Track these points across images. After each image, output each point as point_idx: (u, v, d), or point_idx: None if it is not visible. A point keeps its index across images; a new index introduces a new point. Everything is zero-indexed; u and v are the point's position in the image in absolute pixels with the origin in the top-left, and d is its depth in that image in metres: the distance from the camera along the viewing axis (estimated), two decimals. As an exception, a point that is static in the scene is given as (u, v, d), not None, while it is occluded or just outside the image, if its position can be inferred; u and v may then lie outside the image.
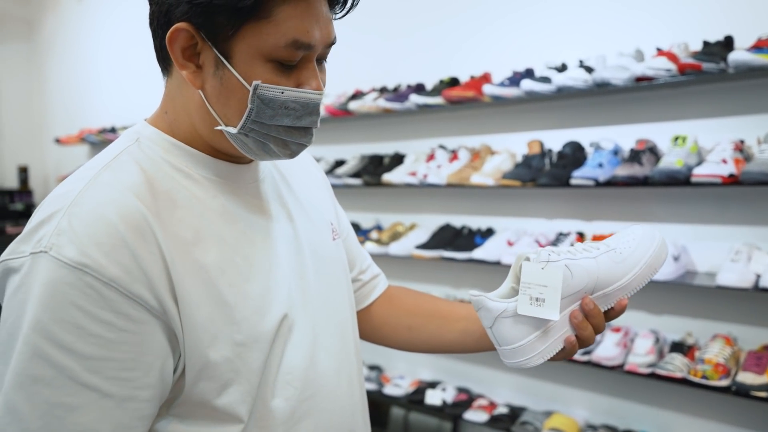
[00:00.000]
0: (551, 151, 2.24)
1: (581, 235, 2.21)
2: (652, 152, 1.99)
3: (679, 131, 2.03)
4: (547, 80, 2.15)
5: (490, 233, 2.45)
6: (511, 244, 2.31)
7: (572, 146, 2.18)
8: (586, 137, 2.23)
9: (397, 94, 2.62)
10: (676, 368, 1.86)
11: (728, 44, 1.86)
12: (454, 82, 2.49)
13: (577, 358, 2.05)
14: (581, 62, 2.13)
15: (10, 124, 5.23)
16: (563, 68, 2.19)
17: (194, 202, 0.65)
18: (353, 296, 0.86)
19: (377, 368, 2.91)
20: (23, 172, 5.02)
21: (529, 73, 2.26)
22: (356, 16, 0.73)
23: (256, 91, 0.61)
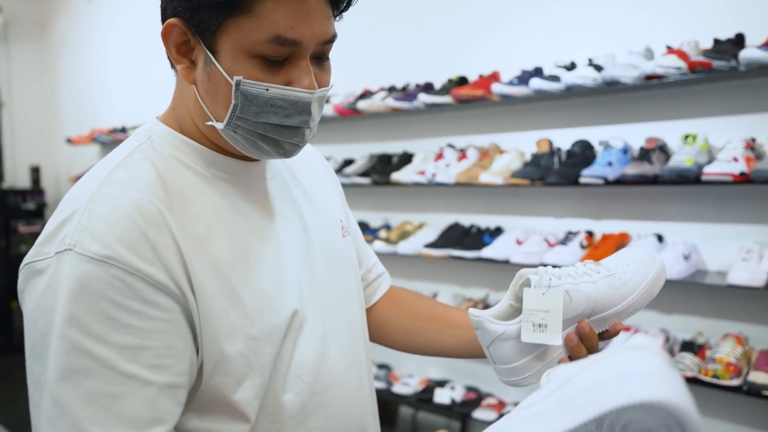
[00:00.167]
0: (560, 149, 2.23)
1: (590, 234, 2.20)
2: (662, 151, 1.98)
3: (689, 129, 2.01)
4: (556, 79, 2.14)
5: (498, 232, 2.45)
6: (520, 242, 2.30)
7: (581, 145, 2.18)
8: (595, 136, 2.22)
9: (405, 93, 2.63)
10: (686, 367, 1.85)
11: (739, 42, 1.85)
12: (462, 81, 2.49)
13: (586, 357, 2.04)
14: (590, 61, 2.12)
15: (22, 124, 5.29)
16: (572, 67, 2.19)
17: (205, 199, 0.66)
18: (362, 293, 0.87)
19: (386, 367, 2.92)
20: (35, 172, 5.08)
21: (537, 71, 2.26)
22: (365, 14, 0.73)
23: (239, 86, 0.61)
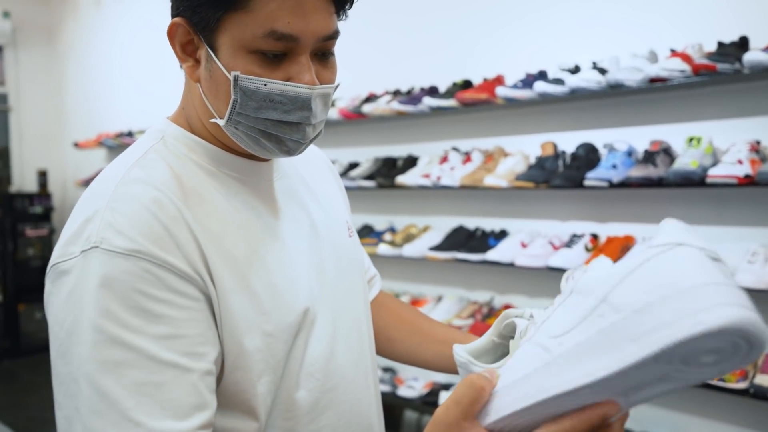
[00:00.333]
0: (564, 152, 2.24)
1: (595, 236, 2.21)
2: (666, 153, 1.99)
3: (693, 132, 2.02)
4: (560, 82, 2.15)
5: (503, 235, 2.45)
6: (524, 245, 2.31)
7: (586, 148, 2.18)
8: (599, 139, 2.23)
9: (410, 96, 2.64)
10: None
11: (743, 44, 1.85)
12: (467, 84, 2.50)
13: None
14: (594, 64, 2.13)
15: (30, 128, 5.34)
16: (576, 70, 2.19)
17: (219, 197, 0.67)
18: (368, 293, 0.88)
19: (391, 370, 2.92)
20: (42, 175, 5.11)
21: (542, 75, 2.27)
22: (370, 18, 0.74)
23: (237, 82, 0.62)
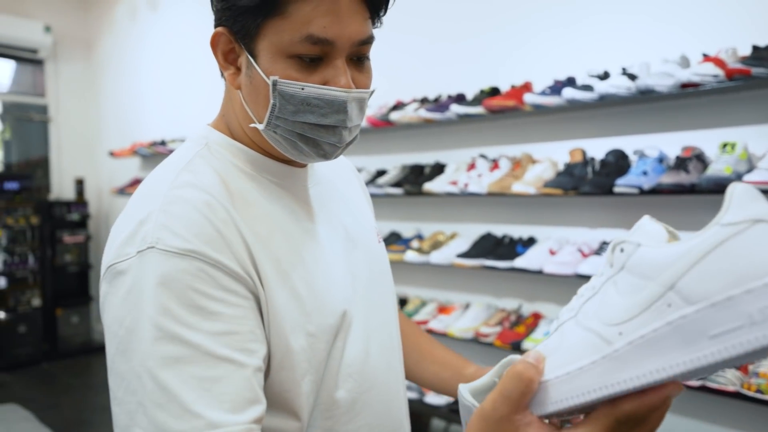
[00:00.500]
0: (594, 159, 2.22)
1: (626, 244, 2.18)
2: (699, 159, 1.95)
3: (727, 138, 1.98)
4: (589, 88, 2.14)
5: (531, 242, 2.44)
6: (553, 252, 2.29)
7: (615, 154, 2.16)
8: (629, 145, 2.20)
9: (437, 104, 2.65)
10: (728, 381, 1.80)
11: (779, 48, 1.81)
12: (494, 91, 2.51)
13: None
14: (624, 70, 2.11)
15: (68, 138, 5.52)
16: (605, 76, 2.18)
17: (262, 201, 0.70)
18: (396, 298, 0.90)
19: (418, 377, 2.92)
20: (79, 184, 5.28)
21: (570, 81, 2.26)
22: (397, 26, 0.76)
23: (275, 86, 0.64)
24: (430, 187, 2.60)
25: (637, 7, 2.22)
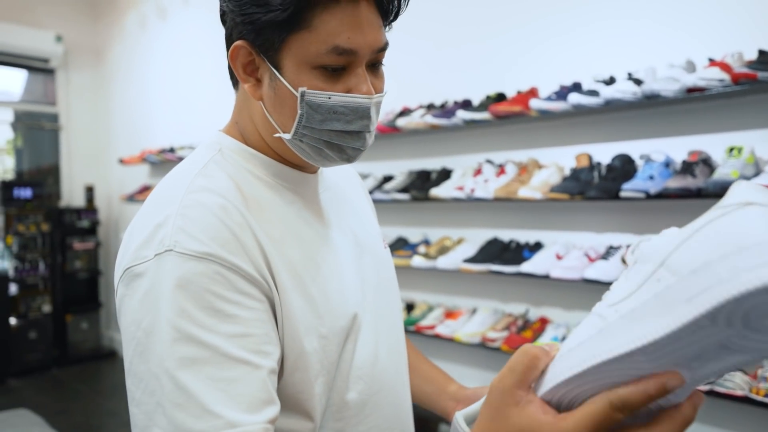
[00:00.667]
0: (600, 164, 2.22)
1: (633, 248, 2.18)
2: (705, 164, 1.95)
3: (734, 142, 1.98)
4: (594, 93, 2.15)
5: (538, 247, 2.44)
6: (560, 257, 2.29)
7: (622, 159, 2.16)
8: (635, 150, 2.20)
9: (444, 110, 2.67)
10: (736, 386, 1.80)
11: (785, 52, 1.82)
12: (500, 97, 2.52)
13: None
14: (630, 75, 2.12)
15: (78, 146, 5.58)
16: (611, 81, 2.19)
17: (275, 206, 0.71)
18: (401, 302, 0.91)
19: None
20: (89, 191, 5.33)
21: (576, 86, 2.26)
22: (402, 34, 0.78)
23: (303, 97, 0.66)
24: (436, 192, 2.62)
25: (642, 12, 2.23)
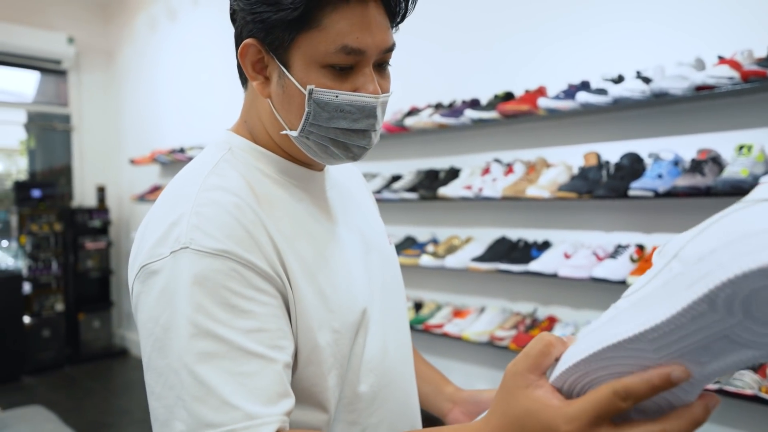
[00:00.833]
0: (608, 162, 2.22)
1: (641, 247, 2.17)
2: (714, 162, 1.95)
3: (743, 140, 1.97)
4: (603, 92, 2.14)
5: (546, 246, 2.44)
6: (568, 256, 2.29)
7: (630, 157, 2.16)
8: (644, 149, 2.20)
9: (452, 109, 2.68)
10: (746, 385, 1.79)
11: (795, 50, 1.81)
12: (508, 96, 2.52)
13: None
14: (638, 73, 2.12)
15: (90, 146, 5.64)
16: (620, 80, 2.18)
17: (286, 203, 0.73)
18: (405, 298, 0.92)
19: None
20: (101, 191, 5.38)
21: (584, 85, 2.26)
22: (411, 33, 0.79)
23: (311, 95, 0.67)
24: (444, 191, 2.62)
25: (651, 10, 2.22)
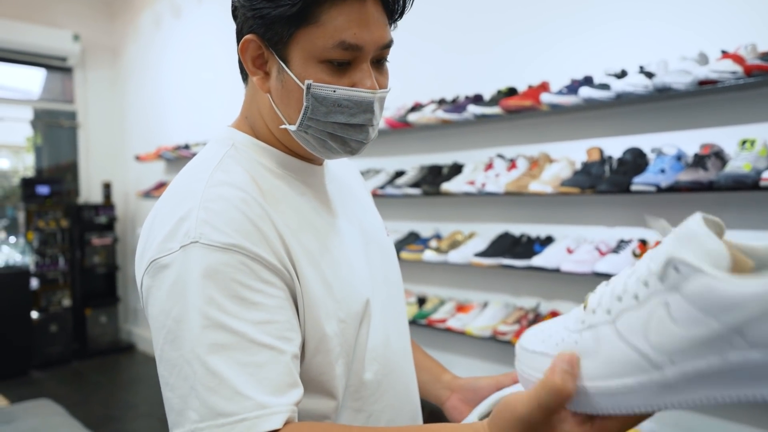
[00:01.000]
0: (611, 158, 2.22)
1: (643, 242, 2.18)
2: (717, 157, 1.95)
3: (746, 135, 1.97)
4: (606, 87, 2.14)
5: (549, 241, 2.45)
6: (570, 251, 2.30)
7: (633, 152, 2.16)
8: (647, 144, 2.20)
9: (455, 105, 2.68)
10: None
11: (798, 44, 1.80)
12: (511, 91, 2.52)
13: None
14: (641, 68, 2.11)
15: (96, 143, 5.67)
16: (623, 75, 2.18)
17: (289, 197, 0.74)
18: (403, 289, 0.94)
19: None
20: (107, 187, 5.42)
21: (587, 80, 2.26)
22: (414, 29, 0.79)
23: (309, 89, 0.68)
24: (448, 187, 2.63)
25: (653, 5, 2.22)
